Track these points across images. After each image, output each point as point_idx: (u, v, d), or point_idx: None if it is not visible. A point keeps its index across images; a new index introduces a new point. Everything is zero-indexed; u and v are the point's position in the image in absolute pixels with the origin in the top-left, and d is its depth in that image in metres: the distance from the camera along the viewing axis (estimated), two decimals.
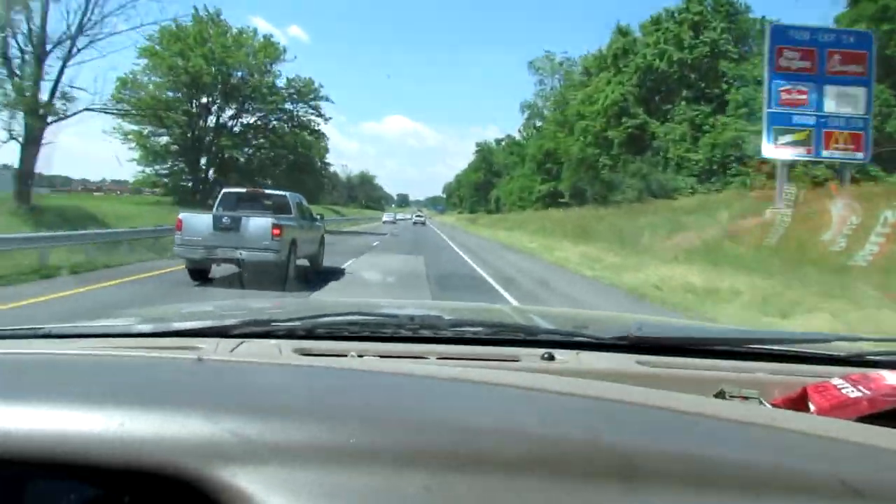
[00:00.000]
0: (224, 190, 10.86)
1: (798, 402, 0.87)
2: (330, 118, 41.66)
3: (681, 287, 10.24)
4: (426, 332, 1.19)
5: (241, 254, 8.71)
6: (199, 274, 9.39)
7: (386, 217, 65.56)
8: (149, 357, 0.83)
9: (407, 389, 0.74)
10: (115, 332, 1.18)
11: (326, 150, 45.13)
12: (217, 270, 9.71)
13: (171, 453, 0.51)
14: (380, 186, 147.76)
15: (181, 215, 9.27)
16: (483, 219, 63.82)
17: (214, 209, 9.96)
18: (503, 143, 77.98)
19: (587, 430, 0.59)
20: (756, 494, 0.50)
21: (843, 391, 0.84)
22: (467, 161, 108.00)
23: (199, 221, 9.11)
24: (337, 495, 0.47)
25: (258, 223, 8.84)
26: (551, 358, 1.06)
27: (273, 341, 1.09)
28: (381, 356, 1.04)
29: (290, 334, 1.13)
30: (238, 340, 1.07)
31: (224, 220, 8.96)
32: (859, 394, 0.82)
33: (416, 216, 71.01)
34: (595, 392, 0.72)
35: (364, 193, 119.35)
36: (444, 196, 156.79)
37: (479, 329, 1.25)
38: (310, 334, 1.14)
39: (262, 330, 1.14)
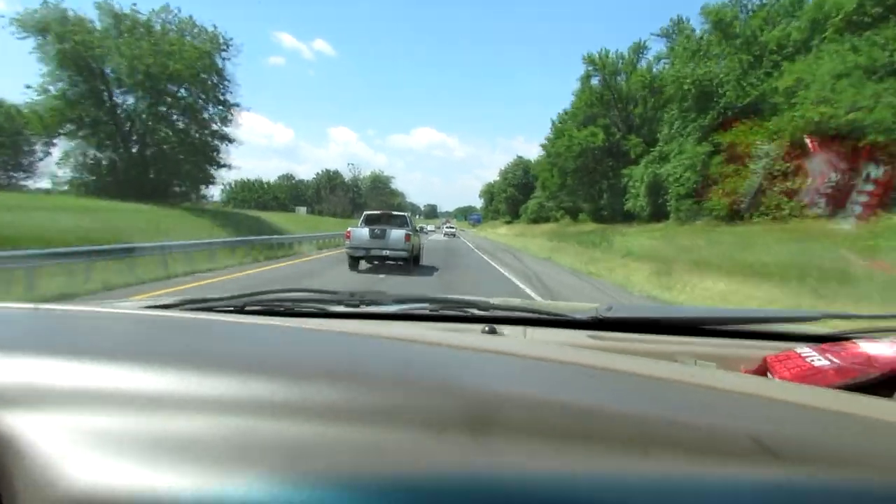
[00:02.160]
0: (366, 212, 16.21)
1: (758, 374, 0.82)
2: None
3: None
4: (368, 309, 1.17)
5: (386, 252, 14.05)
6: (356, 263, 14.52)
7: (428, 227, 64.98)
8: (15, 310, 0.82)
9: (276, 340, 0.68)
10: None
11: (226, 117, 32.85)
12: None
13: None
14: (400, 192, 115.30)
15: (350, 228, 14.54)
16: (640, 237, 24.37)
17: (360, 224, 14.97)
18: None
19: (501, 386, 0.54)
20: (645, 451, 0.44)
21: (808, 360, 0.79)
22: (496, 173, 79.33)
23: (360, 232, 14.23)
24: (159, 444, 0.43)
25: (397, 233, 14.05)
26: (493, 332, 1.03)
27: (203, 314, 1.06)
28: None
29: (226, 308, 1.15)
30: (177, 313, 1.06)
31: (376, 231, 14.08)
32: (826, 363, 0.77)
33: (447, 227, 68.92)
34: (531, 354, 0.69)
35: (377, 202, 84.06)
36: (483, 202, 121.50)
37: (424, 305, 1.21)
38: (241, 309, 1.15)
39: (202, 306, 1.16)
